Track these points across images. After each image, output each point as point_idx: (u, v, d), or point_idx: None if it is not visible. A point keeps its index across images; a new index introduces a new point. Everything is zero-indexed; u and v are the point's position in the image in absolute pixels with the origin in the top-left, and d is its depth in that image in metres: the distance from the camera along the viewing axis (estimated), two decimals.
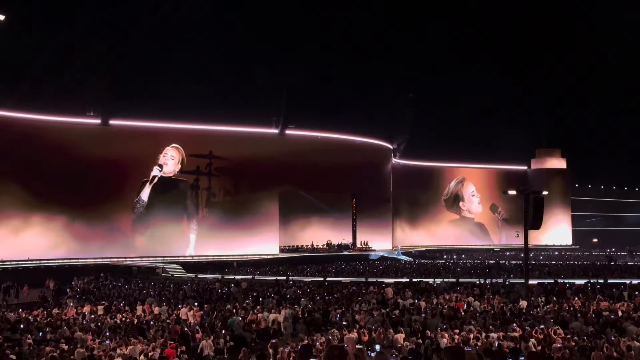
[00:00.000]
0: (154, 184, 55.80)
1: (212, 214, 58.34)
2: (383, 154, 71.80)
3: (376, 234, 68.19)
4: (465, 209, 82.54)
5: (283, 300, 28.07)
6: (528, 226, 26.92)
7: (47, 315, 24.16)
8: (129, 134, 55.11)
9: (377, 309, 24.14)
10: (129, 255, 53.06)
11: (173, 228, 56.34)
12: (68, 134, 51.97)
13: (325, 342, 16.58)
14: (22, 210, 48.74)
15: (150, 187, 55.58)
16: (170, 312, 25.17)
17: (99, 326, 21.54)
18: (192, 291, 33.23)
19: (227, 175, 58.80)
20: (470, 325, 19.11)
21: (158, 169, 55.98)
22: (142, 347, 17.29)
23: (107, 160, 52.59)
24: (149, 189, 55.55)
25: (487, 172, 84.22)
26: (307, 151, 61.51)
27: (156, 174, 55.92)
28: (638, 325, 18.59)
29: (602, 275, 39.63)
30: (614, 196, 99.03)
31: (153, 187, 55.73)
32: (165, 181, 56.44)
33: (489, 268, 49.16)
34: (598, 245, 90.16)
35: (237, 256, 55.62)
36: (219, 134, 59.07)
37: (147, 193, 55.52)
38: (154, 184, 55.80)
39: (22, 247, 47.92)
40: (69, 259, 49.56)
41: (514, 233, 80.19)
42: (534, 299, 26.37)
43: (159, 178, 56.12)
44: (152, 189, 55.68)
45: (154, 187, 55.76)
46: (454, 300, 26.16)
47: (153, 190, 55.70)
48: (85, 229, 51.68)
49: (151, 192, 55.61)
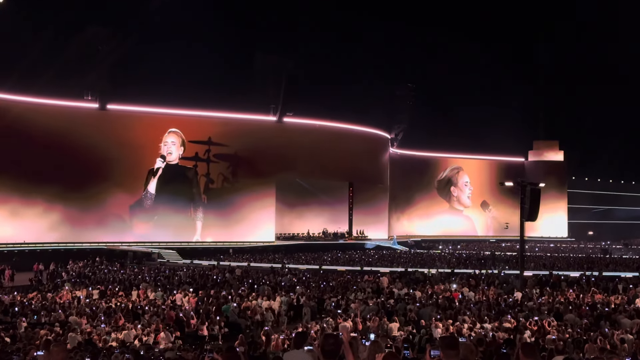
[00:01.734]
0: (160, 174, 55.71)
1: (210, 200, 58.27)
2: (381, 143, 71.69)
3: (372, 223, 68.26)
4: (456, 196, 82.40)
5: (278, 288, 28.12)
6: (524, 217, 26.99)
7: (42, 299, 24.15)
8: (127, 119, 54.84)
9: (372, 298, 24.21)
10: (128, 240, 52.99)
11: (179, 215, 56.24)
12: (65, 117, 51.71)
13: (320, 330, 16.60)
14: (18, 194, 48.47)
15: (156, 180, 55.42)
16: (166, 297, 25.20)
17: (94, 310, 21.55)
18: (187, 277, 33.26)
19: (225, 162, 58.70)
20: (464, 315, 19.18)
21: (161, 160, 55.75)
22: (137, 332, 17.33)
23: (105, 144, 52.38)
24: (155, 181, 55.41)
25: (484, 163, 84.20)
26: (304, 139, 61.37)
27: (160, 165, 55.75)
28: (632, 318, 18.66)
29: (597, 268, 39.79)
30: (611, 189, 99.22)
31: (161, 174, 55.61)
32: (172, 168, 56.34)
33: (484, 259, 49.31)
34: (593, 238, 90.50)
35: (233, 243, 55.68)
36: (218, 121, 58.88)
37: (153, 186, 55.39)
38: (160, 174, 55.71)
39: (18, 230, 47.84)
40: (64, 243, 49.51)
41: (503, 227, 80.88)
42: (529, 290, 26.45)
43: (166, 166, 55.96)
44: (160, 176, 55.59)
45: (161, 174, 55.64)
46: (449, 291, 26.25)
47: (160, 176, 55.58)
48: (82, 213, 51.50)
49: (159, 179, 55.52)
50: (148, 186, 55.20)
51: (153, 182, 55.37)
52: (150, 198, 55.24)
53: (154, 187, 55.39)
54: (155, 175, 55.44)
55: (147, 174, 55.32)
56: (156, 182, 55.46)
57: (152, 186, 55.34)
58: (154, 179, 55.38)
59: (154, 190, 55.35)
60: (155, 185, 55.41)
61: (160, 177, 55.66)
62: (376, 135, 70.33)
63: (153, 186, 55.39)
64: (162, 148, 56.03)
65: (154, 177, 55.35)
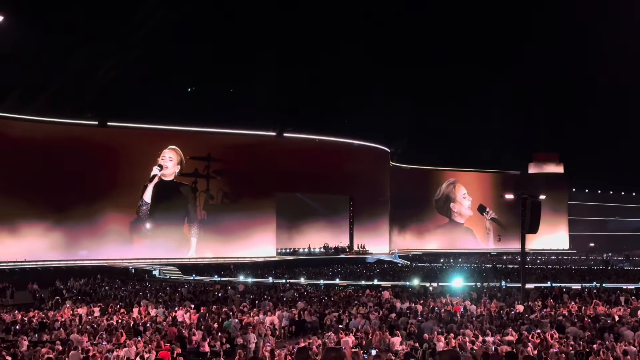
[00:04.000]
0: (155, 186, 55.67)
1: (210, 216, 58.24)
2: (381, 158, 71.76)
3: (373, 237, 68.11)
4: (456, 211, 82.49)
5: (280, 303, 28.05)
6: (525, 230, 26.97)
7: (44, 317, 24.08)
8: (126, 136, 54.99)
9: (373, 312, 24.14)
10: (127, 257, 52.90)
11: (174, 231, 56.21)
12: (66, 135, 51.83)
13: (322, 345, 16.57)
14: (17, 211, 48.40)
15: (151, 188, 55.43)
16: (167, 314, 25.13)
17: (95, 328, 21.48)
18: (189, 293, 33.19)
19: (225, 177, 58.73)
20: (466, 329, 19.12)
21: (158, 168, 55.80)
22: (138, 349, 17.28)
23: (105, 161, 52.49)
24: (150, 189, 55.44)
25: (484, 176, 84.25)
26: (305, 154, 61.48)
27: (156, 173, 55.76)
28: (634, 331, 18.61)
29: (599, 280, 39.71)
30: (611, 201, 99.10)
31: (155, 190, 55.59)
32: (167, 184, 56.39)
33: (486, 272, 49.22)
34: (595, 250, 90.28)
35: (234, 258, 55.56)
36: (218, 137, 59.04)
37: (149, 194, 55.41)
38: (155, 186, 55.67)
39: (19, 248, 47.74)
40: (65, 260, 49.41)
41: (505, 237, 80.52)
42: (531, 303, 26.39)
43: (161, 181, 55.98)
44: (154, 192, 55.54)
45: (155, 190, 55.63)
46: (451, 304, 26.19)
47: (155, 193, 55.58)
48: (82, 230, 51.48)
49: (153, 196, 55.51)
50: (144, 195, 55.25)
51: (149, 190, 55.41)
52: (146, 207, 55.25)
53: (149, 196, 55.39)
54: (151, 182, 55.48)
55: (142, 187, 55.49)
56: (151, 190, 55.46)
57: (147, 195, 55.37)
58: (150, 185, 55.43)
59: (150, 199, 55.35)
60: (151, 194, 55.41)
61: (155, 194, 55.59)
62: (376, 149, 70.39)
63: (149, 195, 55.40)
64: (159, 161, 56.12)
65: (149, 184, 55.40)
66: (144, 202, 55.22)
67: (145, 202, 55.20)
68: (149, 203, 55.23)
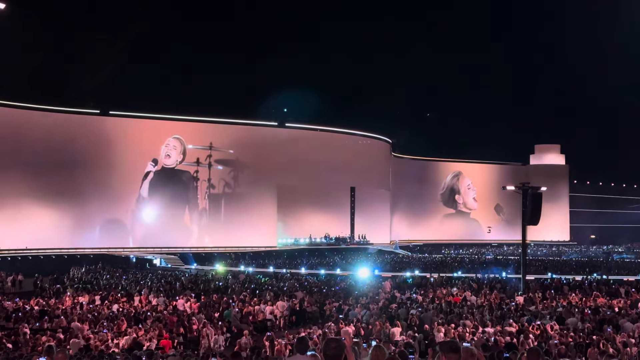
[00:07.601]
0: (157, 174, 55.84)
1: (212, 205, 58.31)
2: (382, 148, 71.72)
3: (374, 227, 68.14)
4: (462, 202, 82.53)
5: (280, 293, 28.08)
6: (526, 221, 26.96)
7: (46, 305, 24.11)
8: (128, 125, 54.99)
9: (373, 303, 24.16)
10: (128, 246, 53.07)
11: (175, 219, 56.32)
12: (67, 124, 51.81)
13: (322, 335, 16.58)
14: (21, 200, 48.54)
15: (147, 183, 55.55)
16: (168, 303, 25.15)
17: (96, 316, 21.51)
18: (189, 282, 33.22)
19: (227, 167, 58.77)
20: (466, 319, 19.12)
21: (152, 164, 55.97)
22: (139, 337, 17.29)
23: (107, 150, 52.55)
24: (146, 184, 55.55)
25: (485, 167, 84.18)
26: (306, 144, 61.44)
27: (150, 169, 55.90)
28: (634, 322, 18.60)
29: (599, 272, 39.71)
30: (612, 193, 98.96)
31: (153, 180, 55.68)
32: (168, 172, 56.44)
33: (486, 263, 49.25)
34: (596, 242, 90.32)
35: (235, 248, 55.64)
36: (219, 126, 59.00)
37: (145, 189, 55.52)
38: (157, 174, 55.84)
39: (20, 236, 47.84)
40: (67, 249, 49.53)
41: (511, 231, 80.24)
42: (531, 294, 26.39)
43: (162, 170, 56.06)
44: (152, 182, 55.65)
45: (156, 178, 55.71)
46: (451, 295, 26.21)
47: (155, 181, 55.67)
48: (84, 219, 51.65)
49: (154, 183, 55.60)
50: (140, 189, 55.36)
51: (145, 185, 55.53)
52: (142, 201, 55.37)
53: (146, 191, 55.53)
54: (146, 179, 55.58)
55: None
56: (148, 185, 55.57)
57: (144, 189, 55.51)
58: (146, 181, 55.53)
59: (146, 193, 55.46)
60: (147, 189, 55.51)
61: (156, 181, 55.74)
62: (378, 140, 70.35)
63: (145, 189, 55.53)
64: (162, 149, 56.15)
65: (144, 180, 55.52)
66: (141, 196, 55.42)
67: (141, 196, 55.39)
68: (145, 197, 55.49)
